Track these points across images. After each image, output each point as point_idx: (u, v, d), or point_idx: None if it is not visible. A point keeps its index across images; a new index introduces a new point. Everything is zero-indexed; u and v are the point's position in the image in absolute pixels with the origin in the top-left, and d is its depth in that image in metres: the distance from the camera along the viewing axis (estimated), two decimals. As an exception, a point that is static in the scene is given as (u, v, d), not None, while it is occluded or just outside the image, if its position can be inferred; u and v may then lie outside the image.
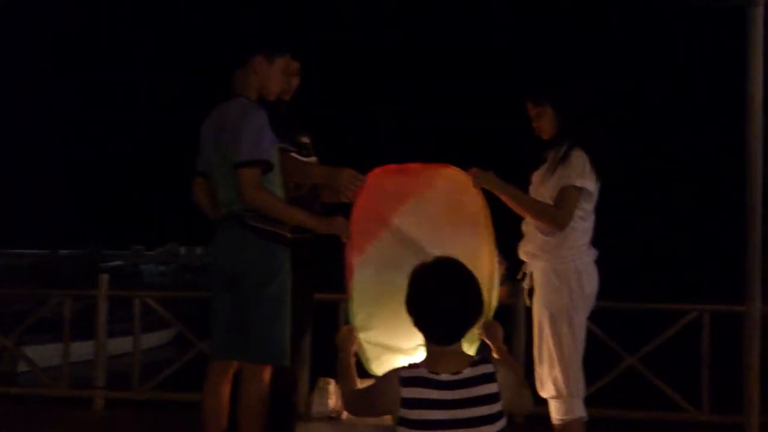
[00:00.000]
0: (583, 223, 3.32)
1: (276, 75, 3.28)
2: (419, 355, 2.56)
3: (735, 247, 5.25)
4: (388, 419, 2.59)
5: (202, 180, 3.34)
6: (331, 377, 3.04)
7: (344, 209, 3.28)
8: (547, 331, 3.30)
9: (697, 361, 5.23)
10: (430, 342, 2.43)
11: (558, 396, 3.26)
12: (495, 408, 2.31)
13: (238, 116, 3.11)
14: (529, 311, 3.51)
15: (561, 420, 3.27)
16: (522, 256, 3.45)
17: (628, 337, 5.57)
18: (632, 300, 5.83)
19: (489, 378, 2.35)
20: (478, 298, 2.45)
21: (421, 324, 2.43)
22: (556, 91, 3.40)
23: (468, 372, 2.35)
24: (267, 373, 3.11)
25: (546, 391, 3.30)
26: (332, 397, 2.97)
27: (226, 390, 3.19)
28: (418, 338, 2.52)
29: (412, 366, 2.40)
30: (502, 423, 2.33)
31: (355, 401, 2.59)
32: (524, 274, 3.45)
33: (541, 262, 3.35)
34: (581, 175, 3.26)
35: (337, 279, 4.11)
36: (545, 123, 3.41)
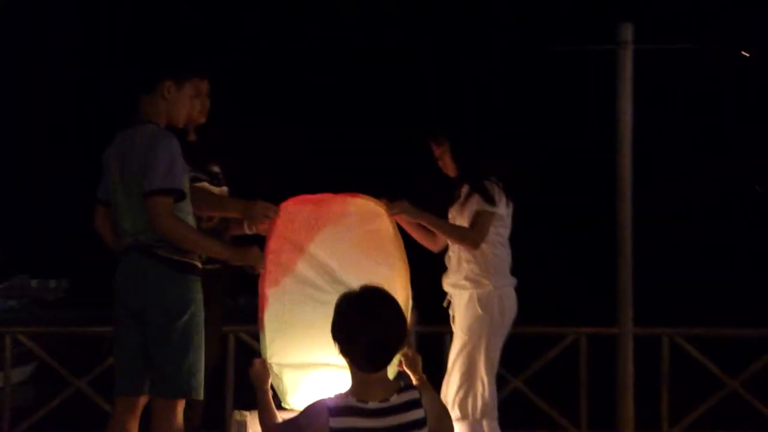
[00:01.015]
0: (503, 249, 3.52)
1: (185, 101, 3.20)
2: (336, 371, 2.59)
3: (607, 271, 5.56)
4: None
5: (104, 208, 3.22)
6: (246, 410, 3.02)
7: (253, 241, 3.27)
8: (463, 355, 3.44)
9: (576, 381, 5.47)
10: (358, 370, 2.45)
11: (464, 418, 3.38)
12: None
13: (148, 143, 3.01)
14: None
15: None
16: (446, 287, 3.59)
17: (511, 361, 5.77)
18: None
19: (415, 404, 2.41)
20: (404, 326, 2.51)
21: (347, 352, 2.45)
22: (452, 127, 3.60)
23: (395, 399, 2.40)
24: (180, 408, 3.04)
25: (453, 413, 3.36)
26: (249, 429, 2.95)
27: (134, 428, 3.10)
28: (337, 353, 2.53)
29: (339, 396, 2.43)
30: None
31: None
32: (449, 302, 3.58)
33: (466, 291, 3.50)
34: (490, 199, 3.46)
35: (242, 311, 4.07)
36: (447, 160, 3.58)
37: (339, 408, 2.38)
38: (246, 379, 3.07)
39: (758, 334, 5.86)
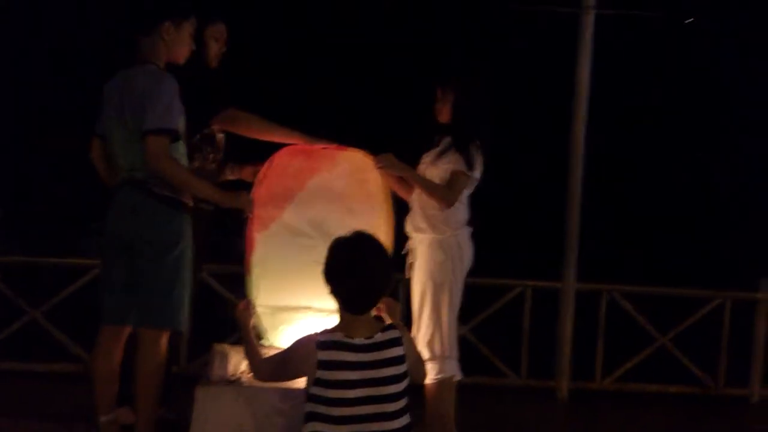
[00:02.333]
0: (461, 206, 3.68)
1: (184, 40, 3.26)
2: (317, 314, 2.75)
3: (555, 229, 5.81)
4: (289, 383, 2.80)
5: (100, 142, 3.30)
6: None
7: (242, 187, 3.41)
8: (428, 299, 3.60)
9: (519, 331, 5.74)
10: (345, 310, 2.62)
11: (433, 358, 3.56)
12: (401, 369, 2.58)
13: (148, 83, 3.08)
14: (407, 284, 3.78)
15: (434, 379, 3.56)
16: (408, 228, 3.71)
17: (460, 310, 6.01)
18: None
19: (396, 342, 2.60)
20: (390, 272, 2.68)
21: (337, 293, 2.62)
22: (462, 82, 3.68)
23: (379, 336, 2.59)
24: (165, 339, 3.18)
25: (423, 353, 3.53)
26: (231, 361, 3.08)
27: (118, 356, 3.23)
28: (318, 298, 2.69)
29: (326, 331, 2.60)
30: (406, 382, 2.60)
31: (268, 368, 2.74)
32: (408, 250, 3.71)
33: (428, 236, 3.64)
34: (472, 164, 3.60)
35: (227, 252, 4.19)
36: (446, 109, 3.68)
37: (327, 342, 2.55)
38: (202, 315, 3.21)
39: (689, 293, 6.21)
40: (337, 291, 2.61)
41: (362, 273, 2.58)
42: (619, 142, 14.23)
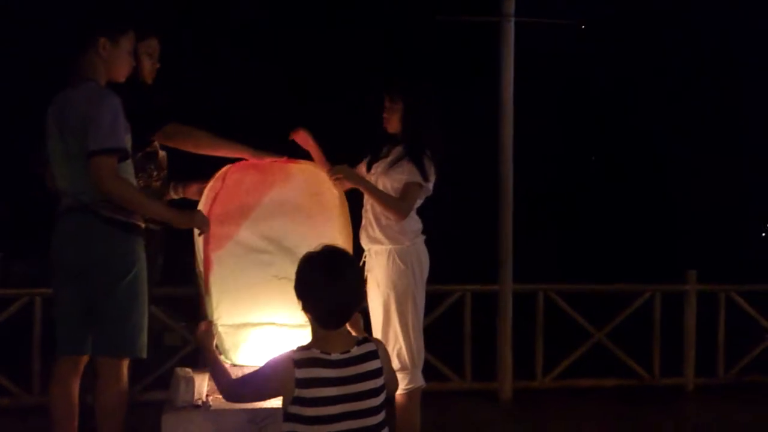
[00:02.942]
0: (414, 215, 3.69)
1: (123, 56, 3.13)
2: (279, 329, 2.69)
3: (489, 233, 5.90)
4: (258, 404, 2.75)
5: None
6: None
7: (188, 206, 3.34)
8: (393, 310, 3.59)
9: (460, 335, 5.80)
10: (320, 326, 2.57)
11: (403, 368, 3.55)
12: (380, 382, 2.56)
13: (88, 102, 2.95)
14: None
15: (405, 389, 3.56)
16: (363, 240, 3.69)
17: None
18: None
19: (373, 355, 2.58)
20: (363, 286, 2.69)
21: (311, 309, 2.56)
22: (413, 93, 3.67)
23: (356, 350, 2.56)
24: (125, 367, 3.07)
25: (393, 364, 3.53)
26: (197, 385, 3.00)
27: (76, 387, 3.10)
28: (280, 313, 2.65)
29: (301, 349, 2.55)
30: (384, 395, 2.58)
31: (241, 389, 2.66)
32: (364, 262, 3.67)
33: (385, 246, 3.62)
34: (426, 175, 3.60)
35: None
36: (395, 118, 3.67)
37: (304, 360, 2.49)
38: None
39: (619, 289, 6.39)
40: (311, 307, 2.56)
41: (338, 288, 2.54)
42: (550, 141, 14.61)
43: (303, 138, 3.64)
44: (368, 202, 3.69)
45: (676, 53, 15.10)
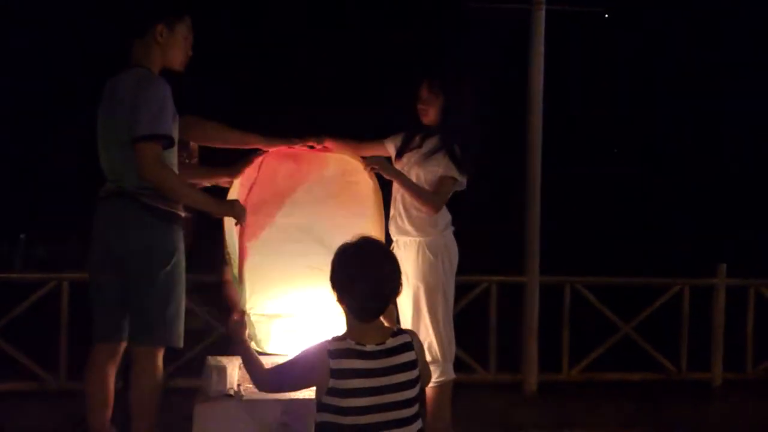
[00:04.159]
0: (445, 207, 3.64)
1: (179, 42, 3.09)
2: (312, 320, 2.71)
3: (517, 225, 5.86)
4: (291, 395, 2.74)
5: None
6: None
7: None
8: (423, 303, 3.56)
9: (486, 327, 5.76)
10: (355, 317, 2.53)
11: (434, 361, 3.52)
12: (414, 374, 2.51)
13: (138, 88, 2.91)
14: None
15: (436, 382, 3.52)
16: (393, 231, 3.64)
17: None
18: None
19: (408, 347, 2.54)
20: (399, 277, 2.59)
21: (345, 301, 2.52)
22: (455, 88, 3.61)
23: (390, 342, 2.51)
24: (161, 356, 3.04)
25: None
26: (229, 375, 2.99)
27: (113, 374, 3.08)
28: (313, 303, 2.66)
29: (337, 339, 2.51)
30: (418, 388, 2.54)
31: (274, 379, 2.63)
32: None
33: (415, 238, 3.59)
34: (461, 169, 3.56)
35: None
36: (433, 110, 3.60)
37: (338, 351, 2.46)
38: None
39: (648, 283, 6.33)
40: (346, 298, 2.52)
41: (374, 279, 2.50)
42: (578, 134, 14.50)
43: (331, 145, 3.53)
44: (398, 193, 3.64)
45: (707, 41, 14.87)
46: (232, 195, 3.37)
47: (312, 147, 3.43)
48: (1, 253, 13.91)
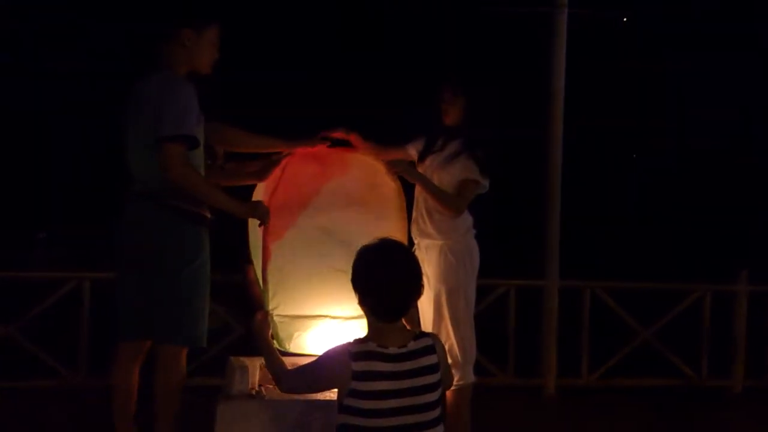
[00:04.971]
0: (467, 211, 3.65)
1: (207, 47, 3.13)
2: (334, 322, 2.74)
3: (535, 228, 5.83)
4: (313, 395, 2.76)
5: None
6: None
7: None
8: (444, 306, 3.56)
9: (504, 331, 5.74)
10: (376, 319, 2.54)
11: (454, 365, 3.50)
12: (436, 377, 2.52)
13: (162, 90, 2.95)
14: None
15: (456, 386, 3.51)
16: (414, 233, 3.65)
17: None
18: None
19: (430, 350, 2.54)
20: (421, 279, 2.60)
21: (367, 303, 2.54)
22: (477, 88, 3.63)
23: (412, 345, 2.52)
24: (184, 355, 3.07)
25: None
26: (251, 375, 3.00)
27: (137, 373, 3.12)
28: (335, 305, 2.68)
29: (359, 341, 2.53)
30: (440, 390, 2.55)
31: (296, 380, 2.65)
32: None
33: (437, 241, 3.59)
34: (483, 172, 3.57)
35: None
36: (455, 111, 3.61)
37: (360, 353, 2.47)
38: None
39: (669, 288, 6.28)
40: (368, 299, 2.53)
41: (396, 280, 2.51)
42: (597, 138, 14.43)
43: (357, 142, 3.55)
44: (420, 195, 3.65)
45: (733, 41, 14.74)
46: (257, 196, 3.40)
47: (338, 141, 3.45)
48: (20, 251, 14.05)
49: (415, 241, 3.66)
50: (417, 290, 2.58)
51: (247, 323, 3.08)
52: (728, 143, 15.54)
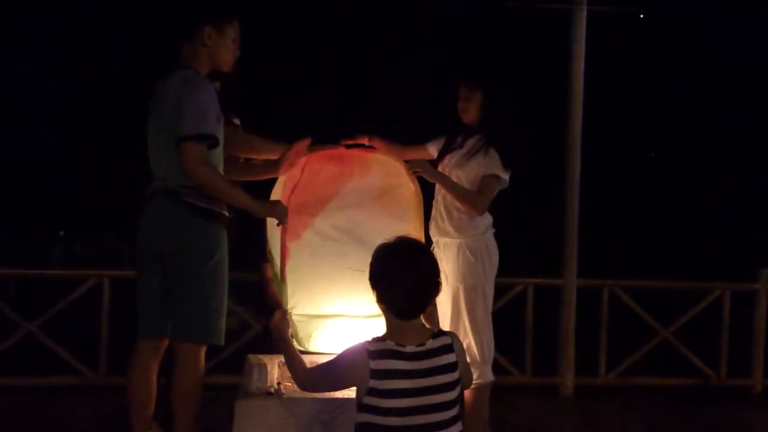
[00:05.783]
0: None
1: (227, 45, 3.13)
2: (352, 320, 2.76)
3: (552, 226, 5.81)
4: (331, 393, 2.75)
5: None
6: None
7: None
8: (462, 304, 3.55)
9: (522, 329, 5.73)
10: (394, 317, 2.53)
11: (472, 363, 3.45)
12: (454, 376, 2.51)
13: (183, 88, 2.95)
14: None
15: (474, 384, 3.46)
16: (433, 231, 3.63)
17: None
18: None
19: (448, 349, 2.53)
20: (438, 277, 2.59)
21: (386, 300, 2.52)
22: (492, 82, 3.61)
23: (431, 343, 2.51)
24: (203, 353, 3.08)
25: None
26: (269, 372, 3.00)
27: (155, 370, 3.13)
28: (353, 304, 2.70)
29: (378, 339, 2.52)
30: (459, 389, 2.54)
31: (315, 378, 2.66)
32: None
33: (455, 240, 3.57)
34: (503, 167, 3.53)
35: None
36: (472, 108, 3.60)
37: (378, 351, 2.46)
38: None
39: (688, 287, 6.23)
40: (386, 297, 2.52)
41: (414, 278, 2.50)
42: (618, 136, 14.34)
43: (379, 145, 3.55)
44: (439, 194, 3.64)
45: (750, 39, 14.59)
46: (275, 195, 3.39)
47: (360, 145, 3.45)
48: (40, 250, 14.20)
49: (434, 240, 3.65)
50: (434, 289, 2.57)
51: (265, 321, 3.08)
52: (748, 140, 15.37)
